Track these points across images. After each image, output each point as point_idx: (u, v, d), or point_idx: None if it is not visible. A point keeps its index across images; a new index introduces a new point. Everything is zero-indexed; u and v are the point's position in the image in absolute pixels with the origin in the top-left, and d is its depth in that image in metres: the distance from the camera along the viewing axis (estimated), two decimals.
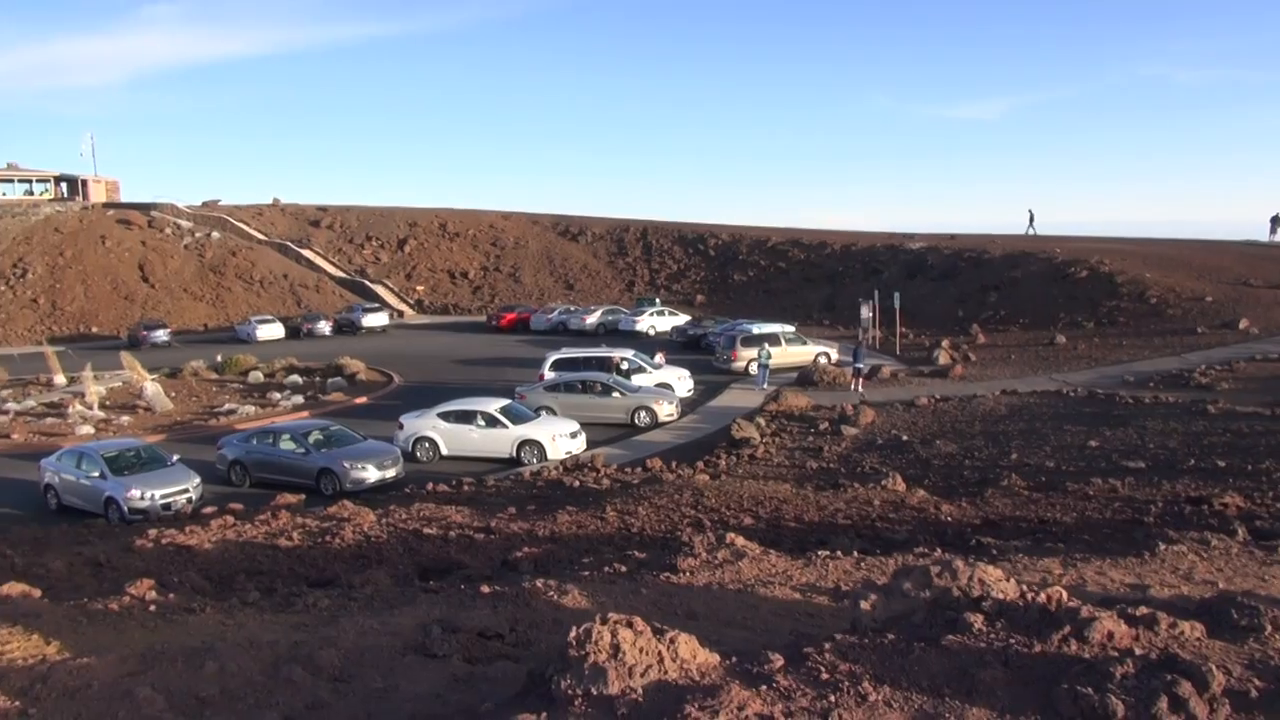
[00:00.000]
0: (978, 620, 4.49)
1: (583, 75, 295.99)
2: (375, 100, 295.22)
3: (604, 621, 4.36)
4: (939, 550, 9.30)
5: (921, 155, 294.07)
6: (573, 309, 56.98)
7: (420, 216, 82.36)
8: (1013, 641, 4.31)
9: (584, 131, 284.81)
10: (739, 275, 66.80)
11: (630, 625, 4.36)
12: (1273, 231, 55.85)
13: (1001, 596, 4.78)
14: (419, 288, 72.95)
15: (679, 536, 12.06)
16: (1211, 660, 4.12)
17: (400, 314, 66.03)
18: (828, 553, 9.41)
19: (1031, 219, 61.98)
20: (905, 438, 23.14)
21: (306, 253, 74.95)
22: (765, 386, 31.46)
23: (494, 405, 24.58)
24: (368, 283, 70.71)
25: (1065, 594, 4.85)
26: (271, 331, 54.73)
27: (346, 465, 21.23)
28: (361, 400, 33.58)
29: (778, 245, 68.13)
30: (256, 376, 37.86)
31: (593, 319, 53.30)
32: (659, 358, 34.20)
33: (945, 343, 37.58)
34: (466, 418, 24.31)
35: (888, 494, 16.80)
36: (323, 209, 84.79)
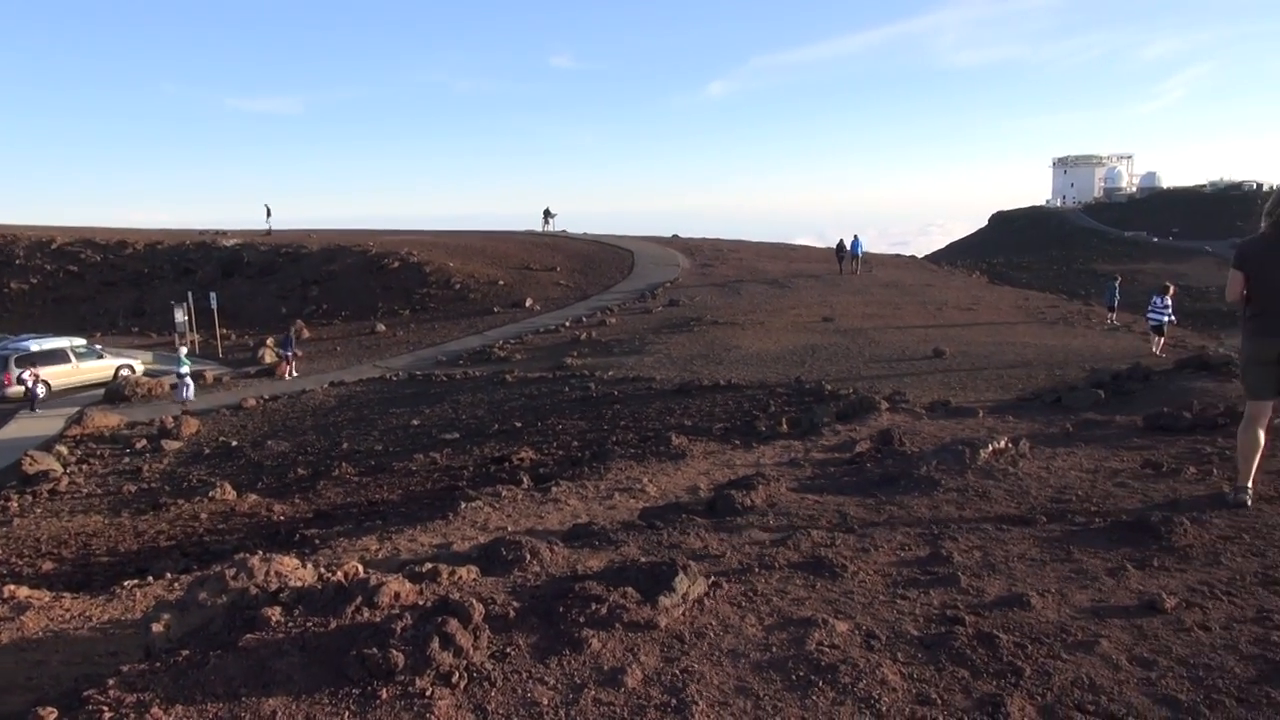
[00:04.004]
0: (275, 613, 4.53)
1: None
2: None
3: None
4: (260, 552, 9.20)
5: (232, 150, 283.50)
6: None
7: None
8: (310, 624, 4.45)
9: None
10: (18, 284, 56.88)
11: None
12: (545, 223, 66.17)
13: (300, 584, 4.90)
14: None
15: None
16: (480, 595, 4.76)
17: None
18: (136, 581, 8.60)
19: (269, 213, 64.42)
20: (235, 443, 22.25)
21: None
22: (190, 399, 27.66)
23: None
24: None
25: (360, 568, 5.16)
26: None
27: None
28: None
29: (66, 247, 59.57)
30: None
31: None
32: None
33: (269, 341, 36.92)
34: None
35: (216, 504, 16.00)
36: None
